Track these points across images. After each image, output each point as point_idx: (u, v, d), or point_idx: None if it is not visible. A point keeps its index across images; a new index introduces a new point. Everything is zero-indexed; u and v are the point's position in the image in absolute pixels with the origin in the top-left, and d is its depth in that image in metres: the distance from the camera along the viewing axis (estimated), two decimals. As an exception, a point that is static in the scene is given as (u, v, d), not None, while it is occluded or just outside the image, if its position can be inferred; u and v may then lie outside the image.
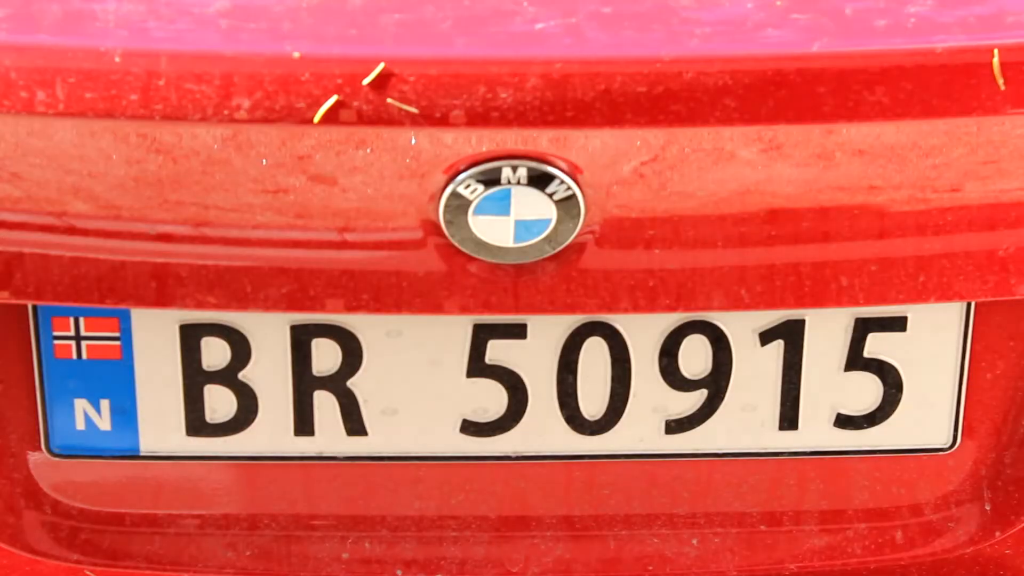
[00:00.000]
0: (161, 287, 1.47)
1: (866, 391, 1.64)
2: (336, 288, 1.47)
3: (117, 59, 1.34)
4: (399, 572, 1.68)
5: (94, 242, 1.46)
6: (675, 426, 1.64)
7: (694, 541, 1.70)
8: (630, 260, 1.46)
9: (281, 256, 1.46)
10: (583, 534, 1.70)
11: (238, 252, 1.46)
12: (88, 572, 1.66)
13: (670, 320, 1.58)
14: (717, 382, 1.62)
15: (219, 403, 1.62)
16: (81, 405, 1.62)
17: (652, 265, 1.47)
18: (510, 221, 1.42)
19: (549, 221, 1.42)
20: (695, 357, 1.60)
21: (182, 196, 1.43)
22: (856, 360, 1.61)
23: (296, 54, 1.35)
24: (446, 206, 1.42)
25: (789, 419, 1.65)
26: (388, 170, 1.41)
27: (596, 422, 1.63)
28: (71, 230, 1.45)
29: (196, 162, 1.40)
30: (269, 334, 1.58)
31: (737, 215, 1.45)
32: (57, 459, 1.65)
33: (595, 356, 1.59)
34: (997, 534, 1.70)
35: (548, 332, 1.58)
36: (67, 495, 1.67)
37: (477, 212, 1.42)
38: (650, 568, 1.69)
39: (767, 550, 1.70)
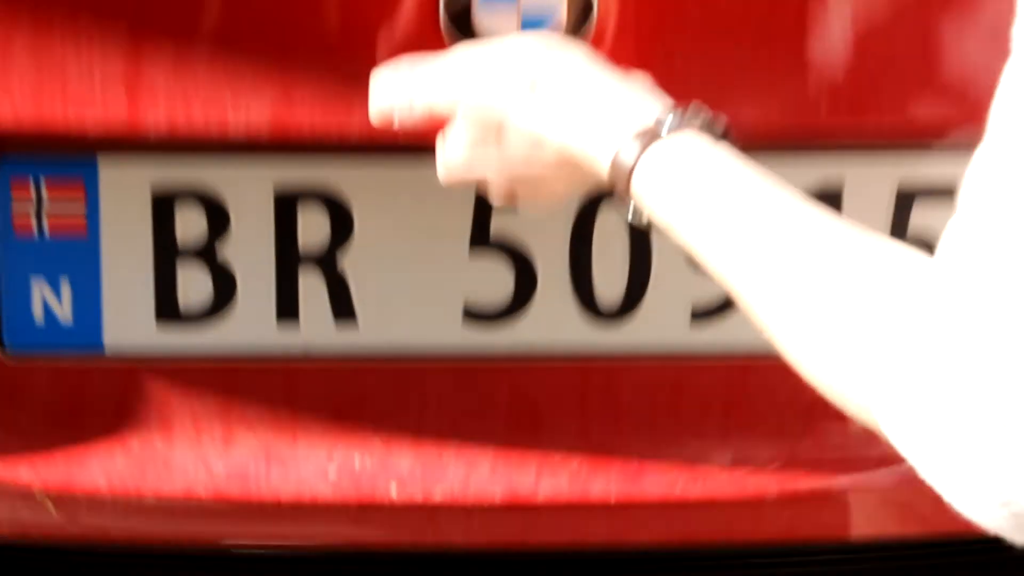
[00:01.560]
0: (131, 111, 1.34)
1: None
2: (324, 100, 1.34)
3: None
4: (393, 485, 1.48)
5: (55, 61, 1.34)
6: (703, 316, 1.47)
7: (726, 454, 1.50)
8: (645, 64, 1.33)
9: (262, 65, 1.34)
10: (600, 443, 1.50)
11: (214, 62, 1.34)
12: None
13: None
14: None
15: (193, 287, 1.45)
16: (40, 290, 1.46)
17: (671, 67, 1.33)
18: (516, 12, 1.30)
19: (556, 11, 1.30)
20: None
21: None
22: (900, 233, 1.46)
23: None
24: (448, 2, 1.30)
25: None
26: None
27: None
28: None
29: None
30: (250, 201, 1.43)
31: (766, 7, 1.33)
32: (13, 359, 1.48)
33: (613, 229, 1.44)
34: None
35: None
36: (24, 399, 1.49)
37: (483, 2, 1.30)
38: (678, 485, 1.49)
39: (809, 462, 1.51)
